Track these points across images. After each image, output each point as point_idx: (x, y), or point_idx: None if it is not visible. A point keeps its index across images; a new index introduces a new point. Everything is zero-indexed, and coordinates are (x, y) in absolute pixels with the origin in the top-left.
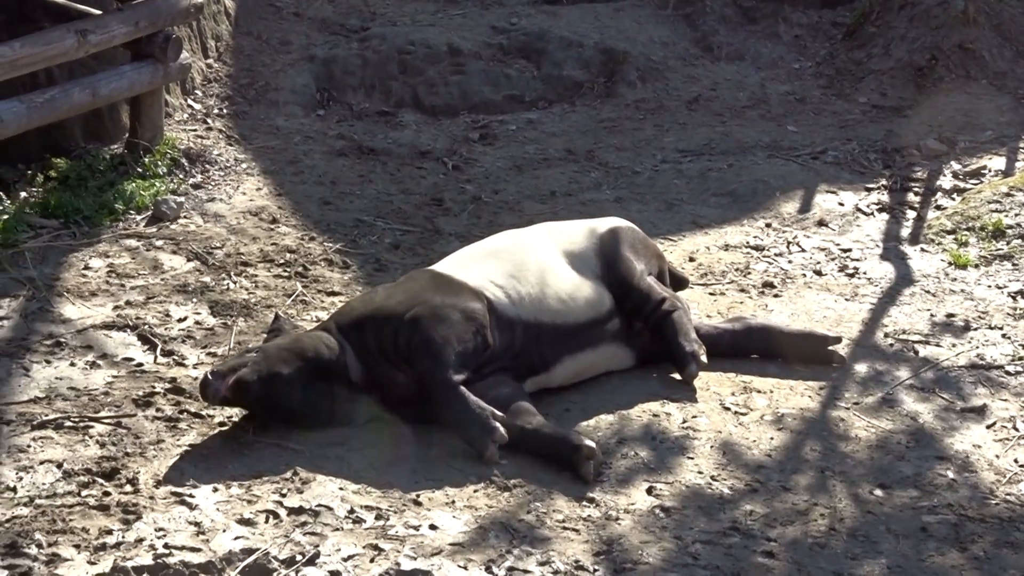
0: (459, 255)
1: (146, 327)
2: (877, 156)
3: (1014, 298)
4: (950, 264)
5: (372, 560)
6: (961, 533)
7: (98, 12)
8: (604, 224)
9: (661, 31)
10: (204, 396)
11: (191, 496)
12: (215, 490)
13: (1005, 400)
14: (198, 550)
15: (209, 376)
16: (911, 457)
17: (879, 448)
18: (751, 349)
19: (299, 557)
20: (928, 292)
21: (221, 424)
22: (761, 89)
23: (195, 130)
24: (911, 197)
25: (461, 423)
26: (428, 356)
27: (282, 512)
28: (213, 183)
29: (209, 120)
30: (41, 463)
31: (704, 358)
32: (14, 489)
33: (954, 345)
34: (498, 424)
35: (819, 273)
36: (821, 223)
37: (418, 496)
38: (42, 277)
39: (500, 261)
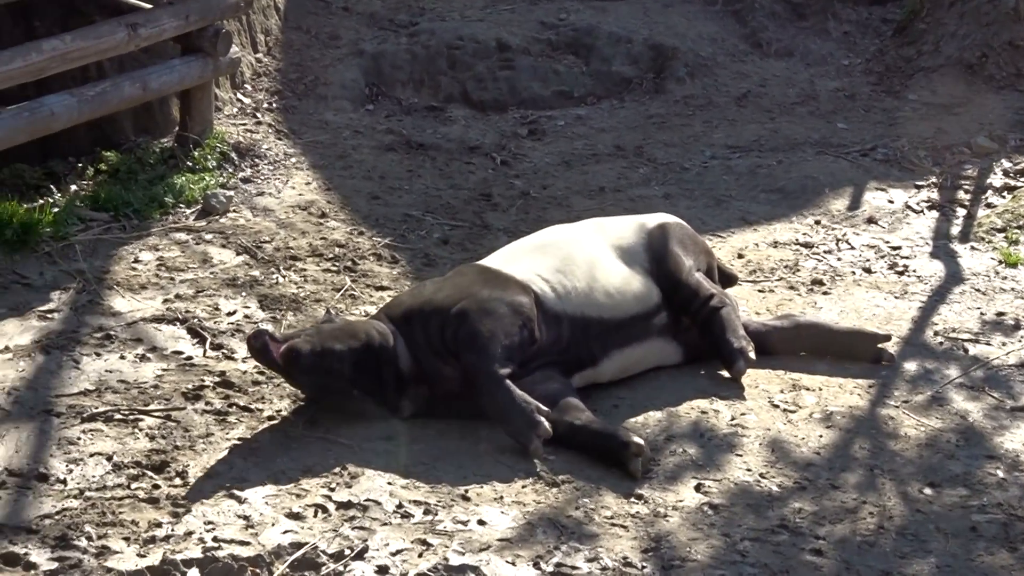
0: (507, 250)
1: (195, 320)
2: (927, 153)
3: None
4: (1000, 262)
5: (420, 555)
6: (1011, 532)
7: (148, 6)
8: (653, 220)
9: (710, 27)
10: (250, 347)
11: (240, 490)
12: (264, 484)
13: None
14: (247, 543)
15: (262, 327)
16: (961, 456)
17: (928, 447)
18: (800, 346)
19: (347, 551)
20: (978, 290)
21: (270, 418)
22: (810, 86)
23: (244, 124)
24: (961, 195)
25: (506, 417)
26: (474, 349)
27: (331, 506)
28: (262, 177)
29: (258, 114)
30: (91, 455)
31: (752, 355)
32: (64, 481)
33: (1004, 343)
34: (543, 419)
35: (868, 271)
36: (871, 220)
37: (466, 491)
38: (92, 270)
39: (548, 256)
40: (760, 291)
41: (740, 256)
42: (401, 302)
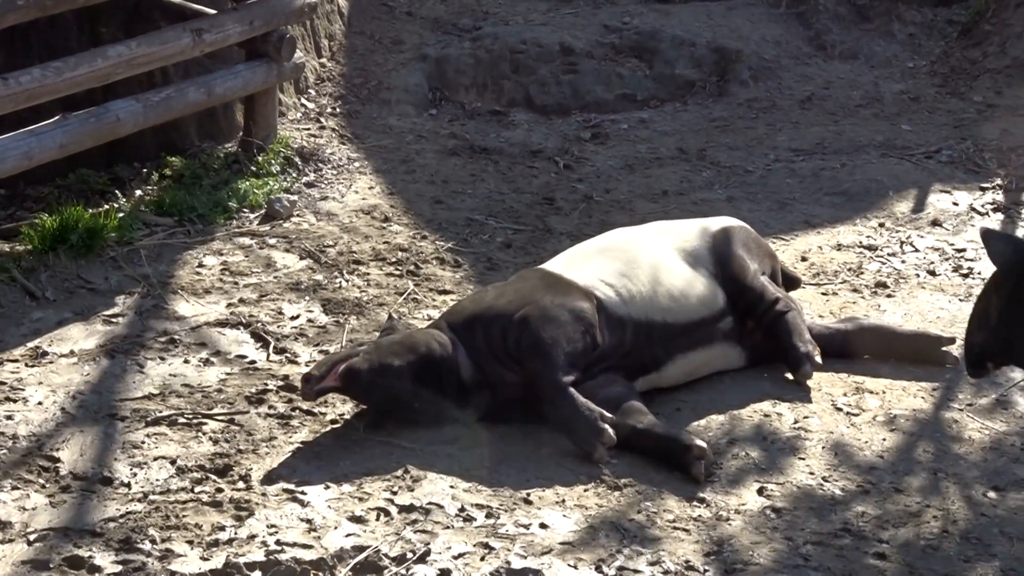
0: (570, 253)
1: (259, 325)
2: (992, 155)
3: None
4: None
5: (482, 558)
6: None
7: (213, 11)
8: (717, 223)
9: (774, 30)
10: (301, 389)
11: (303, 493)
12: (327, 487)
13: None
14: (310, 547)
15: (303, 386)
16: None
17: (993, 450)
18: (863, 350)
19: (410, 555)
20: None
21: (333, 422)
22: (875, 88)
23: (308, 129)
24: None
25: (569, 424)
26: (537, 357)
27: (393, 510)
28: (326, 182)
29: (322, 119)
30: (155, 459)
31: (819, 359)
32: (128, 485)
33: None
34: (606, 426)
35: (933, 273)
36: (935, 223)
37: (528, 495)
38: (157, 275)
39: (611, 259)
40: (823, 294)
41: (803, 259)
42: (462, 308)
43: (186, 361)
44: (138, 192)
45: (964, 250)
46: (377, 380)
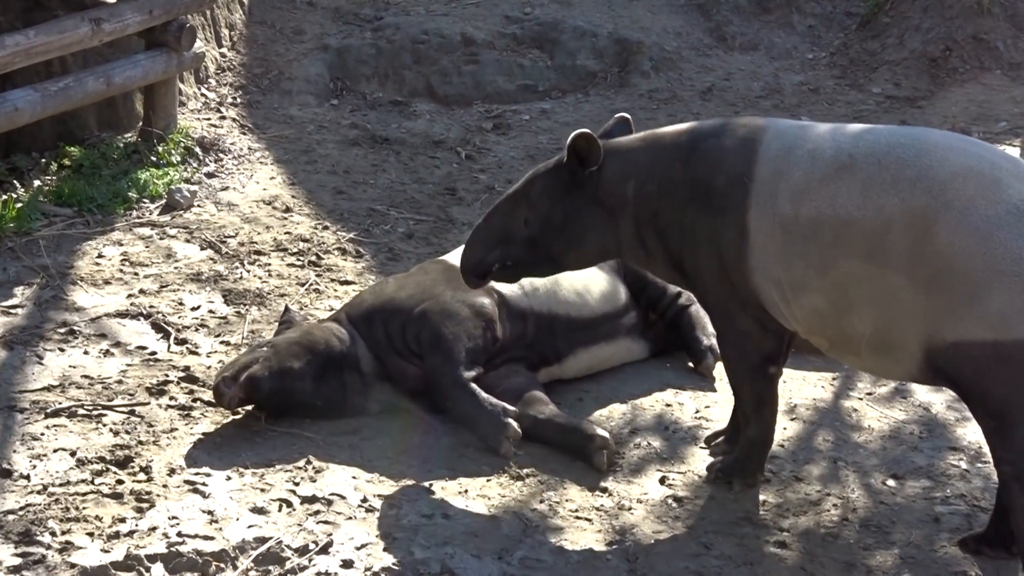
0: None
1: (159, 315)
2: None
3: None
4: None
5: (385, 549)
6: (973, 523)
7: (112, 0)
8: None
9: (675, 21)
10: (220, 403)
11: (204, 484)
12: (228, 478)
13: None
14: (211, 538)
15: (223, 387)
16: (924, 447)
17: (892, 438)
18: None
19: (312, 546)
20: None
21: (234, 413)
22: (775, 79)
23: (209, 119)
24: None
25: (473, 421)
26: (438, 353)
27: (295, 500)
28: (227, 172)
29: (223, 109)
30: (55, 451)
31: None
32: (28, 477)
33: None
34: (511, 420)
35: None
36: None
37: (431, 485)
38: (56, 265)
39: None
40: None
41: None
42: (363, 300)
43: (86, 352)
44: (36, 182)
45: None
46: (279, 385)
